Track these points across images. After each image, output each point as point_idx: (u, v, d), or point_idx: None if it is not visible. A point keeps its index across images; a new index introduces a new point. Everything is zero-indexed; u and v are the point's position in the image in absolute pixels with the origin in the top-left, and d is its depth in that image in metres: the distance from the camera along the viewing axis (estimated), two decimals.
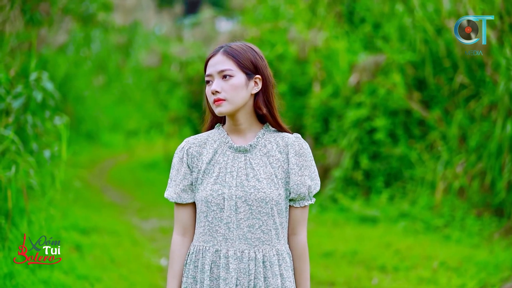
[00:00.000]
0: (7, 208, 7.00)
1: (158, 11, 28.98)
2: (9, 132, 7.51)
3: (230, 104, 3.33)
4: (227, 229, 3.33)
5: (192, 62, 15.51)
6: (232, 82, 3.32)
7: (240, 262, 3.32)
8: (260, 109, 3.40)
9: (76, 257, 7.56)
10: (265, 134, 3.45)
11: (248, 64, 3.36)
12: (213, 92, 3.32)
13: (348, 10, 12.63)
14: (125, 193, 13.72)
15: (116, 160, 18.55)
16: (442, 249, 8.34)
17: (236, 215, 3.32)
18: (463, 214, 9.25)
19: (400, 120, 10.85)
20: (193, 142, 3.43)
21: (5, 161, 7.43)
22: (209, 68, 3.37)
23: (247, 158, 3.39)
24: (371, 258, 8.19)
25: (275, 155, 3.41)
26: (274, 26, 13.15)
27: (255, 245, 3.33)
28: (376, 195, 10.61)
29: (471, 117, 9.87)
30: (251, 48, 3.42)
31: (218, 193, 3.34)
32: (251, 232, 3.33)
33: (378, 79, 10.87)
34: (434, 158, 10.19)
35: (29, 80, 8.53)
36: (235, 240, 3.33)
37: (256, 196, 3.32)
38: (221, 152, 3.41)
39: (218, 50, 3.40)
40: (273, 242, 3.36)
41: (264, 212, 3.33)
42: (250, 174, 3.35)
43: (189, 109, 15.97)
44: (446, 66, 10.29)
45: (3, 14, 8.73)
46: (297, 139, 3.46)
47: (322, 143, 11.71)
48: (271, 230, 3.35)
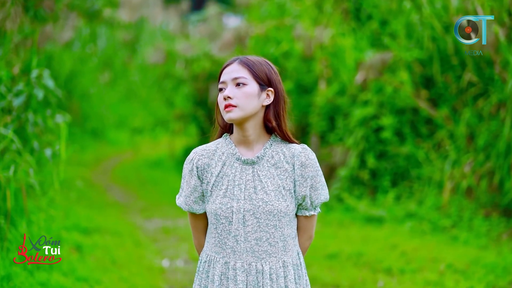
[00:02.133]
0: (6, 208, 6.91)
1: (164, 8, 28.92)
2: (8, 131, 7.40)
3: (241, 111, 3.36)
4: (235, 241, 3.39)
5: (198, 59, 15.40)
6: (245, 90, 3.37)
7: (249, 275, 3.39)
8: (270, 121, 3.44)
9: (76, 258, 7.45)
10: (273, 145, 3.48)
11: (262, 75, 3.42)
12: (225, 97, 3.37)
13: (354, 7, 12.51)
14: (129, 192, 13.62)
15: (121, 158, 18.47)
16: (449, 250, 8.21)
17: (244, 228, 3.39)
18: (470, 215, 9.13)
19: (407, 118, 10.72)
20: (201, 153, 3.48)
21: (4, 160, 7.34)
22: (224, 76, 3.43)
23: (254, 170, 3.43)
24: (376, 260, 8.06)
25: (283, 166, 3.44)
26: (280, 23, 13.05)
27: (262, 257, 3.39)
28: (383, 194, 10.49)
29: (479, 116, 9.74)
30: (266, 62, 3.48)
31: (227, 207, 3.39)
32: (258, 245, 3.39)
33: (385, 77, 10.75)
34: (441, 157, 10.07)
35: (30, 77, 8.45)
36: (243, 253, 3.39)
37: (264, 209, 3.37)
38: (229, 164, 3.45)
39: (234, 60, 3.46)
40: (280, 254, 3.42)
41: (272, 224, 3.39)
42: (258, 186, 3.40)
43: (194, 107, 15.87)
44: (454, 63, 10.16)
45: (4, 10, 8.60)
46: (304, 150, 3.46)
47: (328, 142, 11.61)
48: (278, 242, 3.41)
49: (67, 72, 19.49)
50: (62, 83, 18.86)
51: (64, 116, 8.73)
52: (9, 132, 7.36)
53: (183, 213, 11.19)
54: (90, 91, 20.69)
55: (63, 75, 19.15)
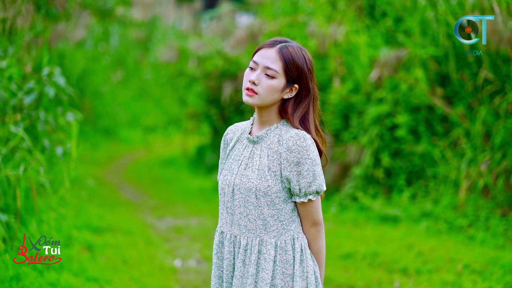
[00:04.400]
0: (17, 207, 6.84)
1: (177, 6, 28.89)
2: (19, 129, 7.33)
3: (259, 100, 3.48)
4: (227, 213, 3.60)
5: (210, 57, 15.29)
6: (272, 83, 3.45)
7: (234, 246, 3.57)
8: (286, 113, 3.54)
9: (87, 257, 7.37)
10: (278, 127, 3.56)
11: (294, 72, 3.48)
12: (250, 81, 3.46)
13: (369, 4, 12.40)
14: (141, 190, 13.54)
15: (134, 156, 18.40)
16: (466, 250, 8.07)
17: (232, 202, 3.56)
18: (487, 214, 8.99)
19: (423, 116, 10.58)
20: (231, 129, 3.75)
21: (14, 158, 7.27)
22: (259, 57, 3.49)
23: (253, 149, 3.57)
24: (392, 260, 7.93)
25: (274, 147, 3.51)
26: (293, 20, 12.95)
27: (243, 231, 3.54)
28: (398, 193, 10.36)
29: (495, 114, 9.60)
30: (304, 57, 3.53)
31: (225, 179, 3.61)
32: (241, 219, 3.54)
33: (399, 74, 10.62)
34: (457, 155, 9.94)
35: (41, 75, 8.39)
36: (232, 225, 3.58)
37: (246, 185, 3.51)
38: (240, 140, 3.65)
39: (275, 44, 3.51)
40: (258, 232, 3.51)
41: (250, 201, 3.50)
42: (249, 164, 3.54)
43: (207, 105, 15.76)
44: (470, 61, 10.02)
45: (15, 7, 8.52)
46: (295, 135, 3.47)
47: (342, 140, 11.50)
48: (256, 220, 3.51)
49: (79, 70, 19.48)
50: (75, 81, 18.85)
51: (75, 114, 8.65)
52: (19, 130, 7.28)
53: (195, 212, 11.12)
54: (102, 90, 20.66)
55: (75, 73, 19.14)
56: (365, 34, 11.84)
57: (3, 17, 8.53)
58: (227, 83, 14.72)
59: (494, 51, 9.52)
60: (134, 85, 23.17)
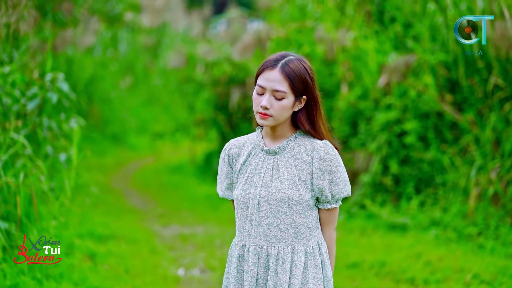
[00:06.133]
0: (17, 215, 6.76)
1: (187, 13, 28.89)
2: (18, 136, 7.24)
3: (274, 121, 3.59)
4: (251, 225, 3.64)
5: (218, 63, 15.19)
6: (283, 103, 3.55)
7: (260, 257, 3.62)
8: (303, 125, 3.66)
9: (88, 266, 7.25)
10: (297, 138, 3.69)
11: (300, 86, 3.58)
12: (262, 107, 3.56)
13: (378, 9, 12.31)
14: (148, 197, 13.43)
15: (142, 163, 18.31)
16: (476, 260, 7.92)
17: (258, 213, 3.62)
18: (497, 222, 8.85)
19: (432, 123, 10.47)
20: (234, 143, 3.78)
21: (15, 166, 7.19)
22: (264, 81, 3.57)
23: (275, 160, 3.66)
24: (400, 270, 7.78)
25: (302, 157, 3.64)
26: (301, 26, 12.85)
27: (272, 242, 3.62)
28: (406, 201, 10.23)
29: (506, 120, 9.48)
30: (305, 68, 3.61)
31: (246, 193, 3.65)
32: (270, 229, 3.61)
33: (408, 80, 10.51)
34: (467, 163, 9.81)
35: (45, 81, 8.32)
36: (256, 236, 3.63)
37: (276, 196, 3.59)
38: (254, 154, 3.71)
39: (276, 64, 3.58)
40: (290, 240, 3.62)
41: (283, 211, 3.59)
42: (275, 175, 3.63)
43: (215, 112, 15.66)
44: (480, 66, 9.90)
45: (17, 12, 8.43)
46: (324, 144, 3.67)
47: (350, 147, 11.38)
48: (289, 228, 3.61)
49: (88, 76, 19.42)
50: (83, 87, 18.81)
51: (79, 120, 8.56)
52: (19, 137, 7.19)
53: (202, 220, 11.00)
54: (111, 96, 20.60)
55: (84, 79, 19.09)
56: (373, 40, 11.75)
57: (6, 22, 8.45)
58: (235, 89, 14.62)
59: (504, 56, 9.41)
60: (143, 91, 23.11)
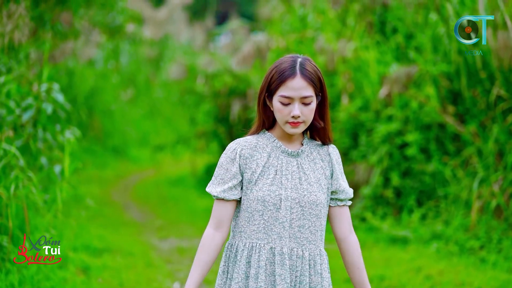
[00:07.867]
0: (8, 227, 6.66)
1: (190, 25, 28.87)
2: (11, 146, 7.13)
3: (305, 126, 3.62)
4: (282, 228, 3.61)
5: (219, 75, 15.11)
6: (311, 107, 3.59)
7: (290, 260, 3.60)
8: (318, 122, 3.70)
9: (81, 280, 7.12)
10: (308, 143, 3.75)
11: (318, 85, 3.63)
12: (296, 116, 3.56)
13: (379, 20, 12.24)
14: (147, 210, 13.32)
15: (142, 175, 18.23)
16: (478, 274, 7.80)
17: (290, 215, 3.60)
18: (500, 236, 8.73)
19: (433, 134, 10.39)
20: (244, 144, 3.69)
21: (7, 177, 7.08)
22: (290, 91, 3.57)
23: (298, 163, 3.68)
24: (400, 284, 7.65)
25: (319, 162, 3.72)
26: (302, 36, 12.78)
27: (303, 244, 3.62)
28: (407, 214, 10.13)
29: (509, 132, 9.39)
30: (316, 66, 3.66)
31: (275, 194, 3.60)
32: (301, 232, 3.62)
33: (410, 91, 10.44)
34: (469, 175, 9.70)
35: (40, 91, 8.23)
36: (287, 239, 3.61)
37: (308, 198, 3.62)
38: (274, 156, 3.67)
39: (294, 71, 3.59)
40: (317, 243, 3.65)
41: (314, 214, 3.63)
42: (303, 178, 3.65)
43: (215, 124, 15.57)
44: (482, 77, 9.81)
45: (12, 22, 8.32)
46: (335, 149, 3.79)
47: (351, 159, 11.29)
48: (318, 231, 3.66)
49: (88, 88, 19.36)
50: (84, 99, 18.75)
51: (74, 131, 8.44)
52: (11, 148, 7.09)
53: (200, 233, 10.82)
54: (112, 108, 20.53)
55: (84, 91, 19.03)
56: (374, 50, 11.69)
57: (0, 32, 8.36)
58: (236, 101, 14.55)
59: (506, 67, 9.32)
60: (144, 104, 23.06)
